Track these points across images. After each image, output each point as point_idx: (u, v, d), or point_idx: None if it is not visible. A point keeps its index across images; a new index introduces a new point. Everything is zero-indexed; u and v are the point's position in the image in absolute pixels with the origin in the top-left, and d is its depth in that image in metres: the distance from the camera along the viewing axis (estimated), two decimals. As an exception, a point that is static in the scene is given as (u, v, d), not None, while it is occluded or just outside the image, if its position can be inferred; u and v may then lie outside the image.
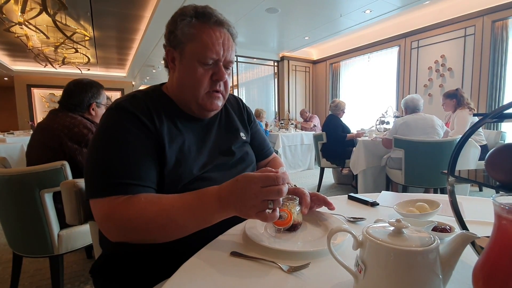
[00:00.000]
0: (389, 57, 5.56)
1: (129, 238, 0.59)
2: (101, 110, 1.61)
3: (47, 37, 4.45)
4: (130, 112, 0.66)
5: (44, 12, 3.15)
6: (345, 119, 3.93)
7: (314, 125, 5.87)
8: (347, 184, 4.04)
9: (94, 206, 0.61)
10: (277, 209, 0.54)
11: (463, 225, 0.48)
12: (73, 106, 1.51)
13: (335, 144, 3.64)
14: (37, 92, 8.96)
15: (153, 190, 0.65)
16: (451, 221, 0.63)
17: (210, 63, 0.71)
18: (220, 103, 0.77)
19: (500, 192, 0.38)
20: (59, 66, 6.88)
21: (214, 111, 0.79)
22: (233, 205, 0.55)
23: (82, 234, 1.40)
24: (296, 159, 5.15)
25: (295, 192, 0.72)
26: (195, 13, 0.71)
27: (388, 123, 3.85)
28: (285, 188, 0.53)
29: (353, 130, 3.94)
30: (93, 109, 1.56)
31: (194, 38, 0.70)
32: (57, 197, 1.31)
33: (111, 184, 0.60)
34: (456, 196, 0.51)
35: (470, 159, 2.63)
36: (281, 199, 0.54)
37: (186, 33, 0.70)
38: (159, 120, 0.70)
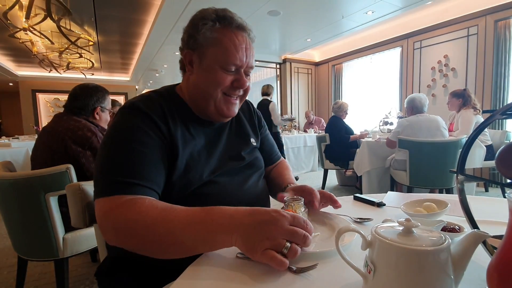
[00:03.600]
0: (392, 58, 5.55)
1: (123, 241, 0.57)
2: (105, 115, 1.63)
3: (52, 43, 4.51)
4: (145, 113, 0.65)
5: (48, 18, 3.18)
6: (348, 120, 3.92)
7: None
8: (351, 186, 4.02)
9: (97, 204, 0.59)
10: (294, 253, 0.47)
11: (473, 224, 0.48)
12: (78, 109, 1.53)
13: (338, 145, 3.63)
14: (42, 97, 9.05)
15: (157, 195, 0.63)
16: (460, 221, 0.63)
17: (233, 69, 0.70)
18: (236, 109, 0.77)
19: (512, 190, 0.37)
20: (64, 71, 6.95)
21: (229, 118, 0.79)
22: (244, 229, 0.48)
23: (87, 238, 1.40)
24: (299, 161, 5.13)
25: (303, 190, 0.71)
26: (217, 17, 0.69)
27: (391, 123, 3.83)
28: (310, 240, 0.48)
29: (356, 131, 3.92)
30: (97, 113, 1.58)
31: (217, 43, 0.68)
32: (62, 201, 1.32)
33: (117, 182, 0.58)
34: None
35: (475, 159, 2.60)
36: (300, 249, 0.47)
37: (209, 37, 0.68)
38: (174, 124, 0.68)
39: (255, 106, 1.13)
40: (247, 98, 0.84)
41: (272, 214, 0.48)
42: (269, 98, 4.27)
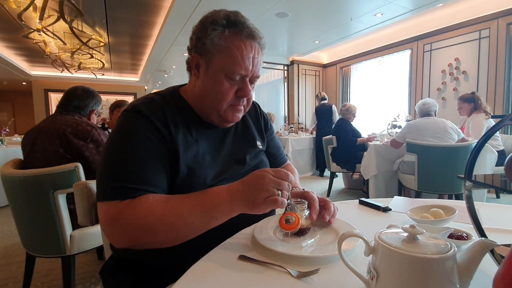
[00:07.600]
0: (401, 60, 5.47)
1: (134, 241, 0.58)
2: (94, 118, 1.72)
3: (64, 43, 4.59)
4: (145, 117, 0.65)
5: (61, 19, 3.25)
6: (356, 123, 3.88)
7: None
8: (358, 189, 3.97)
9: (100, 209, 0.60)
10: (285, 197, 0.56)
11: (481, 232, 0.46)
12: (76, 108, 1.58)
13: (346, 148, 3.60)
14: (53, 96, 9.25)
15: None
16: (468, 228, 0.61)
17: (237, 78, 0.69)
18: (241, 115, 0.76)
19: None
20: (75, 71, 7.09)
21: (233, 123, 0.79)
22: (241, 193, 0.57)
23: (94, 235, 1.42)
24: (305, 163, 5.10)
25: (304, 196, 0.69)
26: (227, 23, 0.68)
27: (400, 127, 3.78)
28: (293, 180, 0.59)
29: (364, 134, 3.88)
30: (91, 116, 1.66)
31: (224, 50, 0.67)
32: (69, 198, 1.34)
33: (119, 188, 0.59)
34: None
35: (486, 165, 2.55)
36: (288, 193, 0.57)
37: (217, 43, 0.67)
38: (175, 127, 0.68)
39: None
40: (254, 99, 0.84)
41: (257, 173, 0.58)
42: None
